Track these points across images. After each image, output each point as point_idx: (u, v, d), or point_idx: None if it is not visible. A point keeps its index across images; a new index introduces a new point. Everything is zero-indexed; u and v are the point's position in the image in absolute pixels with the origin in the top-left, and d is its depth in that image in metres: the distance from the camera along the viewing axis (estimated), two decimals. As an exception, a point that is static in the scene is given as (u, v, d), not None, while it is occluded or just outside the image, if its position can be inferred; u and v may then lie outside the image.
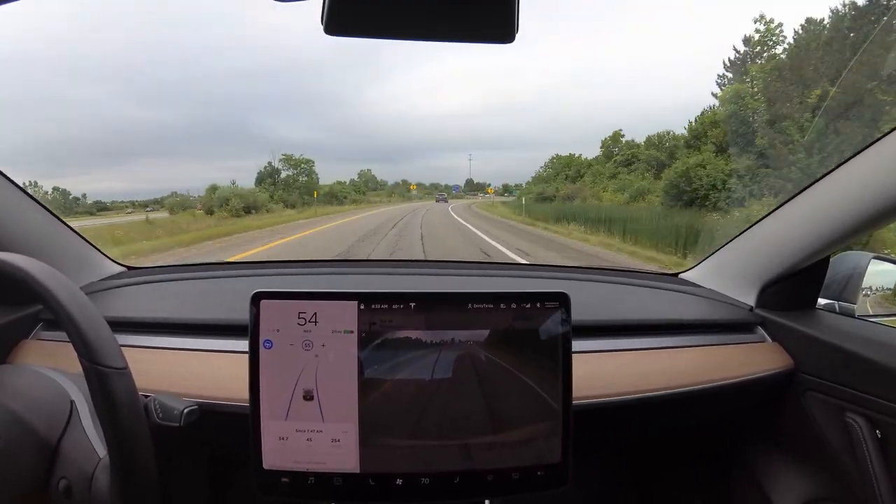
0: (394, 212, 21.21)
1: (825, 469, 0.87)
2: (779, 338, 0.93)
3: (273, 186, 23.17)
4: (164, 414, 0.58)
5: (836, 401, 0.83)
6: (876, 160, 0.74)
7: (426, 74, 50.42)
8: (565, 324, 0.64)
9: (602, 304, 1.04)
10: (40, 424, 0.54)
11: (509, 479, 0.64)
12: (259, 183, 23.33)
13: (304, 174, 25.43)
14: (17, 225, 0.87)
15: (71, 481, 0.53)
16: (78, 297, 0.51)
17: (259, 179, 23.81)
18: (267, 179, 23.69)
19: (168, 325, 0.86)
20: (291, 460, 0.62)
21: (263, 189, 22.29)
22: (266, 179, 23.72)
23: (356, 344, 0.62)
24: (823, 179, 0.83)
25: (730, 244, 1.07)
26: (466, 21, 0.51)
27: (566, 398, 0.64)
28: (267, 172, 24.05)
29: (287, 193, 23.25)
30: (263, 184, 23.32)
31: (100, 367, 0.49)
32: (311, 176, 25.59)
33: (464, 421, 0.63)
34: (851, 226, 0.78)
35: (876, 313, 0.95)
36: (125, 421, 0.50)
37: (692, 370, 0.86)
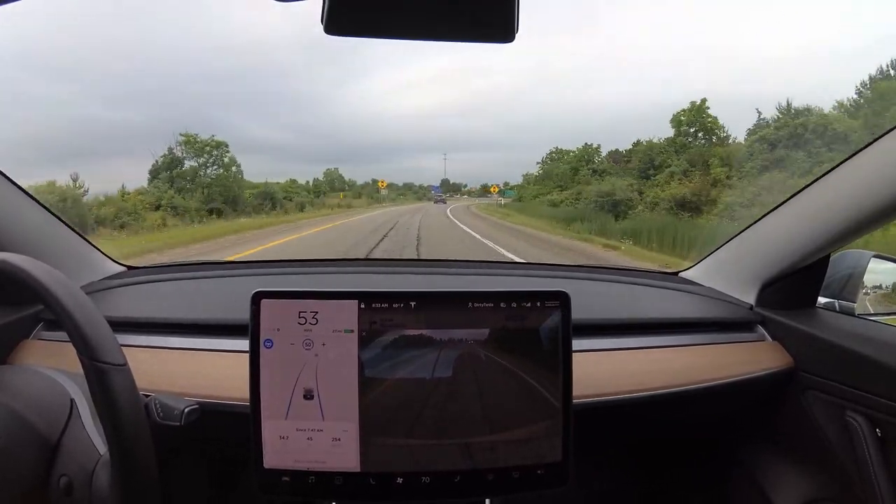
0: (349, 229, 12.16)
1: (825, 468, 0.87)
2: (779, 336, 0.93)
3: (170, 184, 14.89)
4: (165, 413, 0.58)
5: (836, 399, 0.83)
6: (876, 159, 0.74)
7: (401, 74, 49.26)
8: (565, 323, 0.65)
9: (602, 303, 1.04)
10: (40, 423, 0.55)
11: (509, 478, 0.64)
12: (153, 180, 15.08)
13: (215, 164, 16.04)
14: (17, 225, 0.87)
15: (71, 478, 0.53)
16: (76, 295, 0.51)
17: (153, 174, 15.15)
18: (162, 174, 15.11)
19: (168, 325, 0.86)
20: (292, 459, 0.62)
21: (155, 188, 14.57)
22: (161, 174, 15.11)
23: (356, 343, 0.62)
24: (824, 178, 0.83)
25: (730, 242, 1.07)
26: (466, 21, 0.51)
27: (566, 397, 0.64)
28: (164, 164, 15.29)
29: (189, 195, 14.87)
30: (157, 180, 14.98)
31: (99, 364, 0.49)
32: (228, 168, 16.24)
33: (464, 420, 0.63)
34: (851, 224, 0.78)
35: (876, 312, 0.95)
36: (125, 417, 0.50)
37: (692, 369, 0.86)
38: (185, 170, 15.67)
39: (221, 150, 16.37)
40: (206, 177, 15.89)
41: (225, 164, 16.43)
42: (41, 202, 0.93)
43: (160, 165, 15.39)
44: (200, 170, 15.95)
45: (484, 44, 0.52)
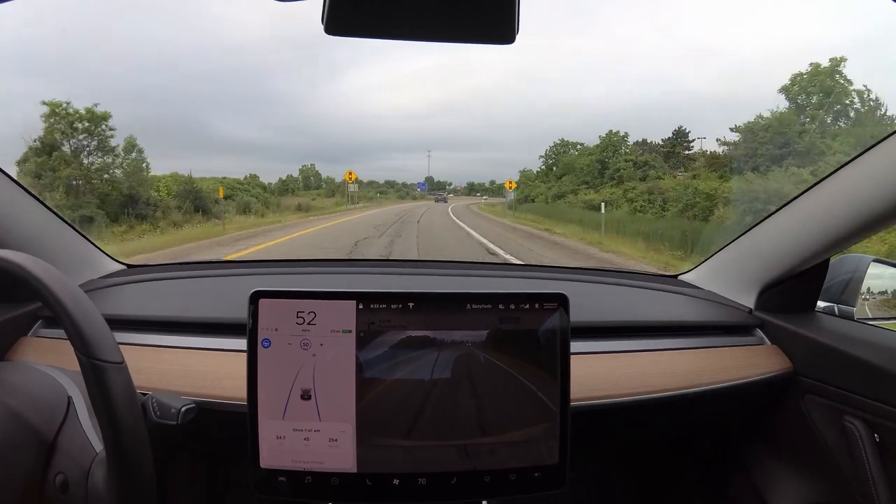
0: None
1: (823, 472, 0.87)
2: (778, 340, 0.93)
3: (36, 177, 10.34)
4: (162, 412, 0.58)
5: (834, 404, 0.83)
6: (875, 163, 0.74)
7: (382, 73, 48.56)
8: (564, 325, 0.64)
9: (601, 305, 1.03)
10: (37, 420, 0.54)
11: (507, 480, 0.64)
12: (22, 165, 10.54)
13: (100, 149, 11.12)
14: (17, 222, 0.87)
15: (67, 476, 0.53)
16: (74, 292, 0.51)
17: (20, 163, 10.63)
18: (32, 158, 10.60)
19: (166, 324, 0.86)
20: (289, 459, 0.62)
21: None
22: (32, 158, 10.63)
23: (354, 343, 0.62)
24: (823, 182, 0.83)
25: (729, 246, 1.07)
26: (467, 21, 0.51)
27: (564, 400, 0.64)
28: (34, 150, 10.63)
29: (61, 188, 10.31)
30: (27, 164, 10.56)
31: (96, 361, 0.49)
32: (125, 154, 11.50)
33: (461, 421, 0.63)
34: (851, 229, 0.78)
35: (875, 316, 0.95)
36: (121, 415, 0.49)
37: (691, 372, 0.86)
38: (54, 157, 10.45)
39: (103, 126, 10.92)
40: (90, 165, 10.73)
41: (111, 149, 10.98)
42: (41, 200, 0.93)
43: (29, 152, 10.55)
44: (81, 155, 10.69)
45: (482, 44, 0.52)
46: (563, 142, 21.37)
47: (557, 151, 21.05)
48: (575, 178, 17.85)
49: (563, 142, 21.37)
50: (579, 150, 20.06)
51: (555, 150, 21.20)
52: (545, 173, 21.44)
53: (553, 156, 21.40)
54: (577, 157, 19.39)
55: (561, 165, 20.47)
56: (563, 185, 18.30)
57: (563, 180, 18.72)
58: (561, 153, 20.97)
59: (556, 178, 19.95)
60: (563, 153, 20.55)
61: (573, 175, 18.35)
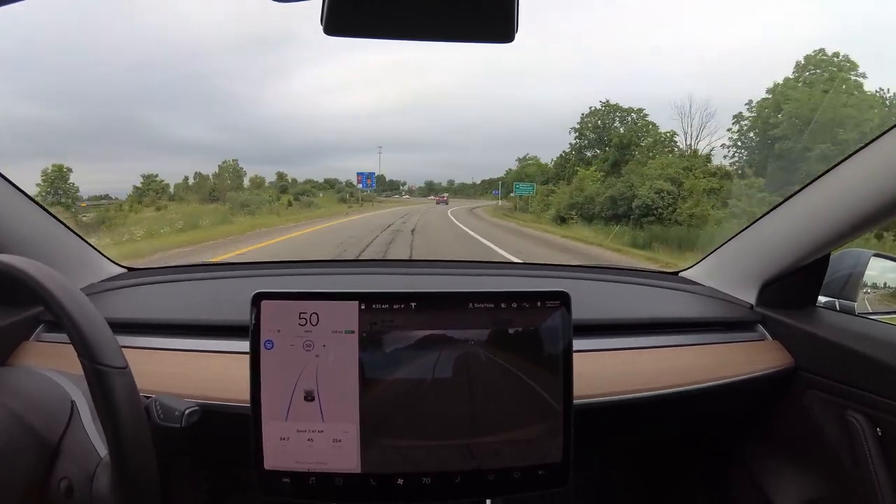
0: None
1: (825, 467, 0.87)
2: (779, 336, 0.93)
3: None
4: (165, 415, 0.58)
5: (836, 399, 0.83)
6: (876, 158, 0.74)
7: (337, 73, 47.03)
8: (566, 323, 0.64)
9: (602, 302, 1.03)
10: (41, 424, 0.54)
11: (510, 478, 0.64)
12: None
13: None
14: (17, 227, 0.87)
15: (72, 481, 0.53)
16: (76, 297, 0.51)
17: None
18: None
19: (169, 326, 0.86)
20: (292, 461, 0.62)
21: None
22: None
23: (357, 344, 0.62)
24: (824, 177, 0.83)
25: (730, 242, 1.07)
26: (466, 21, 0.51)
27: (567, 397, 0.64)
28: None
29: None
30: None
31: (99, 366, 0.49)
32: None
33: (465, 420, 0.63)
34: (851, 223, 0.78)
35: (876, 311, 0.95)
36: (125, 420, 0.50)
37: (692, 368, 0.86)
38: None
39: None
40: None
41: None
42: (41, 204, 0.93)
43: None
44: None
45: (481, 44, 0.52)
46: (593, 111, 17.70)
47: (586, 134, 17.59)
48: (606, 179, 14.99)
49: (593, 111, 17.70)
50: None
51: (587, 126, 17.59)
52: (561, 169, 17.72)
53: (581, 147, 17.77)
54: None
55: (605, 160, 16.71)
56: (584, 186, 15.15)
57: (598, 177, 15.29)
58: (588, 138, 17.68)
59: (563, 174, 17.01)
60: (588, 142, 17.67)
61: (613, 173, 15.25)
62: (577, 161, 17.73)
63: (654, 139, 16.67)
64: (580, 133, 18.54)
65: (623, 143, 16.64)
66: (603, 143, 17.59)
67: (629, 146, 16.55)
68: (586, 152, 18.19)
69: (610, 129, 17.60)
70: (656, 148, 16.38)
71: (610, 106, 17.98)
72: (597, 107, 18.16)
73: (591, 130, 18.19)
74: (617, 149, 16.65)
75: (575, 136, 18.72)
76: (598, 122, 18.02)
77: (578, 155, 18.31)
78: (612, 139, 17.12)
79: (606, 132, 17.60)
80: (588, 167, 16.61)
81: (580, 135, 18.55)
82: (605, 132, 17.65)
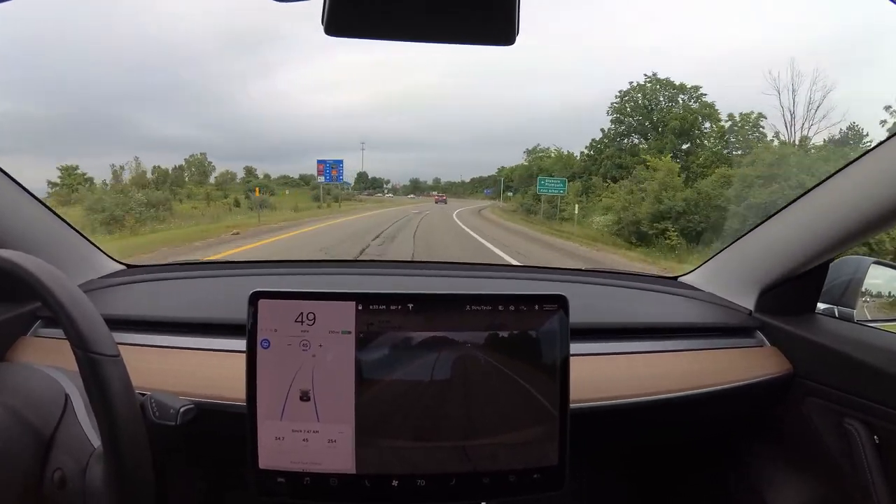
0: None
1: (823, 474, 0.87)
2: (778, 342, 0.93)
3: None
4: (161, 412, 0.58)
5: (834, 406, 0.83)
6: (875, 165, 0.74)
7: (323, 71, 46.15)
8: (564, 326, 0.64)
9: (600, 306, 1.03)
10: (35, 418, 0.55)
11: (506, 481, 0.63)
12: None
13: None
14: (16, 222, 0.87)
15: (65, 472, 0.53)
16: (69, 288, 0.51)
17: None
18: None
19: (166, 324, 0.86)
20: (287, 460, 0.62)
21: None
22: None
23: (354, 344, 0.62)
24: (823, 184, 0.83)
25: (729, 248, 1.07)
26: (467, 22, 0.51)
27: (563, 401, 0.64)
28: None
29: None
30: None
31: (91, 355, 0.50)
32: None
33: (460, 422, 0.63)
34: (851, 230, 0.78)
35: (875, 318, 0.95)
36: (117, 408, 0.50)
37: (690, 374, 0.86)
38: None
39: None
40: None
41: None
42: (40, 200, 0.93)
43: None
44: None
45: (482, 45, 0.52)
46: (639, 85, 13.78)
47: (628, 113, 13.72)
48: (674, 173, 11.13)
49: (639, 85, 13.78)
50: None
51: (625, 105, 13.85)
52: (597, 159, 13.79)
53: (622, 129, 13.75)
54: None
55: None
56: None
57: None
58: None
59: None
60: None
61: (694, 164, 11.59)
62: (616, 152, 13.97)
63: (721, 124, 12.50)
64: (618, 115, 14.42)
65: (684, 129, 12.79)
66: (650, 128, 13.71)
67: (689, 132, 12.69)
68: (627, 139, 14.17)
69: (661, 109, 13.66)
70: (739, 133, 12.30)
71: (657, 81, 14.00)
72: (639, 82, 14.27)
73: (632, 111, 14.18)
74: (676, 135, 12.65)
75: (612, 119, 14.66)
76: (643, 100, 13.95)
77: (616, 143, 14.36)
78: (667, 122, 13.09)
79: (657, 114, 13.62)
80: (634, 157, 12.78)
81: (618, 117, 14.47)
82: (655, 114, 13.71)
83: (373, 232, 10.70)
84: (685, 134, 13.02)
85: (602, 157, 14.56)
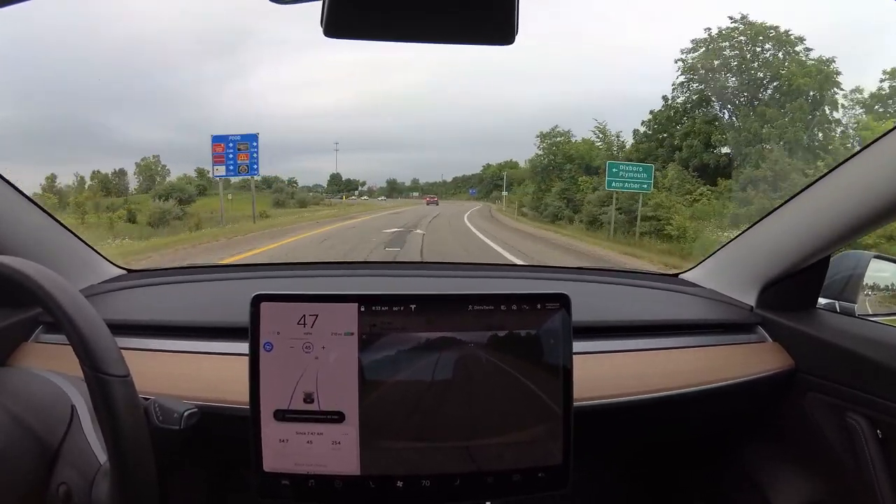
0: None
1: (826, 469, 0.87)
2: (779, 338, 0.93)
3: None
4: (164, 417, 0.57)
5: (836, 401, 0.83)
6: (876, 160, 0.74)
7: (293, 71, 44.87)
8: (566, 325, 0.64)
9: (602, 304, 1.03)
10: (40, 428, 0.54)
11: (510, 481, 0.63)
12: None
13: None
14: (17, 228, 0.87)
15: (71, 487, 0.53)
16: (79, 303, 0.51)
17: None
18: None
19: (168, 328, 0.86)
20: (292, 463, 0.62)
21: None
22: None
23: (356, 346, 0.62)
24: (823, 179, 0.83)
25: (730, 244, 1.07)
26: (466, 22, 0.51)
27: (567, 400, 0.64)
28: None
29: None
30: None
31: (101, 375, 0.49)
32: None
33: (464, 423, 0.63)
34: (852, 225, 0.78)
35: (876, 313, 0.95)
36: (127, 429, 0.49)
37: (692, 371, 0.86)
38: None
39: None
40: None
41: None
42: (40, 205, 0.93)
43: None
44: None
45: (482, 45, 0.52)
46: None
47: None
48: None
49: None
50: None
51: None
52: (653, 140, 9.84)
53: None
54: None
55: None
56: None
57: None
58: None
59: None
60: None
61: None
62: (703, 126, 9.46)
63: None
64: (689, 74, 9.62)
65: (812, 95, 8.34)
66: (748, 88, 9.19)
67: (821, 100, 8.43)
68: (700, 110, 9.42)
69: (767, 64, 9.08)
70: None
71: (752, 26, 9.41)
72: (721, 27, 9.67)
73: (721, 68, 9.52)
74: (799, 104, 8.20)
75: (682, 76, 9.94)
76: (742, 50, 9.26)
77: (687, 113, 9.78)
78: (791, 81, 8.45)
79: (766, 69, 8.95)
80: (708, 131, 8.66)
81: (689, 77, 9.69)
82: (762, 69, 8.98)
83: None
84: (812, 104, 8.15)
85: (668, 139, 10.01)
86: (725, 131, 9.41)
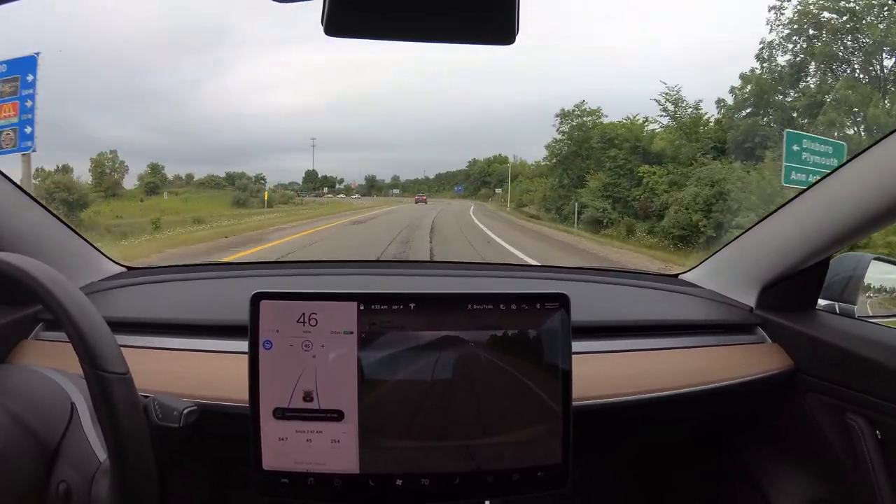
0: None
1: (825, 470, 0.87)
2: (779, 338, 0.93)
3: None
4: (164, 414, 0.57)
5: (836, 401, 0.83)
6: (876, 162, 0.74)
7: (273, 70, 43.75)
8: (565, 324, 0.64)
9: (602, 304, 1.03)
10: (40, 426, 0.54)
11: (509, 480, 0.63)
12: None
13: None
14: (17, 224, 0.87)
15: (70, 485, 0.53)
16: (79, 301, 0.51)
17: None
18: None
19: (168, 326, 0.86)
20: (291, 461, 0.62)
21: None
22: None
23: (356, 345, 0.62)
24: (824, 181, 0.83)
25: (730, 245, 1.07)
26: (466, 22, 0.51)
27: (566, 399, 0.64)
28: None
29: None
30: None
31: (101, 373, 0.49)
32: None
33: (463, 422, 0.63)
34: (852, 227, 0.78)
35: (876, 314, 0.95)
36: (126, 427, 0.49)
37: (692, 371, 0.86)
38: None
39: None
40: None
41: None
42: (40, 202, 0.93)
43: None
44: None
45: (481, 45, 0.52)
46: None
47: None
48: None
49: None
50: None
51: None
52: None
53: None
54: None
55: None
56: None
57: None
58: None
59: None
60: None
61: None
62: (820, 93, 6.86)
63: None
64: (794, 25, 7.23)
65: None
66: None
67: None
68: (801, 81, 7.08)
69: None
70: None
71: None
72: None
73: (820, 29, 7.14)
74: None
75: (780, 38, 7.56)
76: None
77: (802, 71, 7.06)
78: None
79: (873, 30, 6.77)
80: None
81: (794, 29, 7.23)
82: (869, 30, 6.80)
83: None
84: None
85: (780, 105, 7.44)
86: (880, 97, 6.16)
